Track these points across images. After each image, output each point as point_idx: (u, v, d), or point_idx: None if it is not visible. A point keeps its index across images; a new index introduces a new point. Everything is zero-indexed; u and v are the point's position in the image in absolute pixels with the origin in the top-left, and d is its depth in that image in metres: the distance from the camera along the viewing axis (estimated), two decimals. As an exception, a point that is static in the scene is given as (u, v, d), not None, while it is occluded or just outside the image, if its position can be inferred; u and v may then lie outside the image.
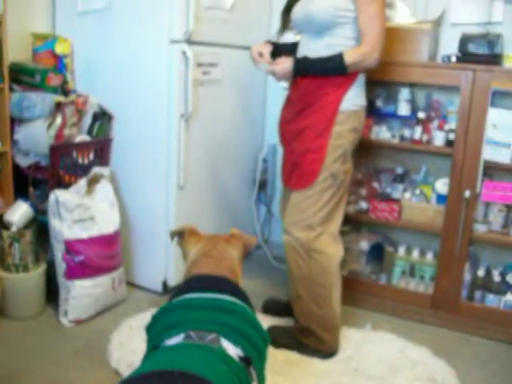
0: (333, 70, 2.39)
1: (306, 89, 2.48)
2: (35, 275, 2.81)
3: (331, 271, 2.54)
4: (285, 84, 2.78)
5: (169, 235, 1.97)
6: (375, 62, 2.39)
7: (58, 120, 2.85)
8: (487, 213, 2.94)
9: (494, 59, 2.79)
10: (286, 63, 2.46)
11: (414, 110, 3.04)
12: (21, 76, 2.93)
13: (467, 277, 2.99)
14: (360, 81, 2.49)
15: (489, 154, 2.77)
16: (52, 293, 2.90)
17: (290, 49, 2.65)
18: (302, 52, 2.53)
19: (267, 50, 2.61)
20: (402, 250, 3.17)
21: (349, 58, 2.36)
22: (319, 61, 2.41)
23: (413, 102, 3.05)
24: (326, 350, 2.60)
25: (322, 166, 2.45)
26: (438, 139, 2.93)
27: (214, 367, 1.34)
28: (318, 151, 2.45)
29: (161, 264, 3.10)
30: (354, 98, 2.46)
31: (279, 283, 3.34)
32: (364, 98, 2.55)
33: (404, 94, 3.00)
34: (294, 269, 2.57)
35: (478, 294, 2.99)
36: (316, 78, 2.44)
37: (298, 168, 2.52)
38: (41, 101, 2.79)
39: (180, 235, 1.89)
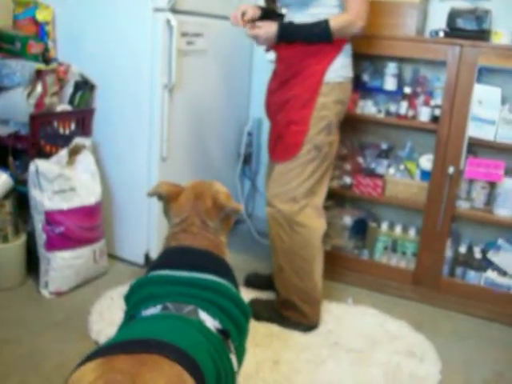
0: (318, 36, 2.36)
1: (290, 59, 2.44)
2: (15, 246, 2.78)
3: (313, 244, 2.54)
4: (270, 56, 2.73)
5: (146, 195, 1.89)
6: (360, 29, 2.37)
7: (39, 88, 2.79)
8: (470, 190, 2.95)
9: (482, 35, 2.77)
10: (270, 27, 2.41)
11: (401, 85, 3.02)
12: (1, 43, 2.87)
13: (449, 253, 3.01)
14: (346, 52, 2.46)
15: (473, 130, 2.76)
16: (33, 264, 2.87)
17: (278, 18, 2.61)
18: None
19: (253, 12, 2.52)
20: (384, 226, 3.17)
21: (334, 24, 2.33)
22: (304, 26, 2.38)
23: (399, 77, 3.03)
24: (307, 323, 2.61)
25: (305, 137, 2.43)
26: (424, 115, 2.91)
27: (191, 337, 1.33)
28: (302, 122, 2.43)
29: (143, 236, 3.08)
30: (339, 70, 2.43)
31: (262, 258, 3.33)
32: (351, 70, 2.52)
33: (391, 68, 2.98)
34: (277, 241, 2.56)
35: (459, 271, 3.01)
36: (301, 48, 2.40)
37: (282, 140, 2.50)
38: (21, 68, 2.74)
39: (159, 198, 1.83)
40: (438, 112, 2.86)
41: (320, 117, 2.43)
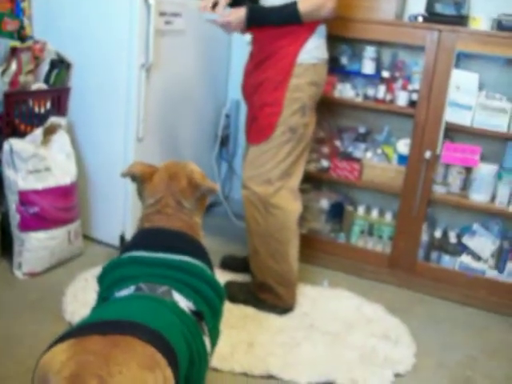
0: (287, 18, 2.35)
1: (263, 41, 2.43)
2: (-12, 226, 2.75)
3: (289, 227, 2.54)
4: (248, 38, 2.71)
5: (120, 175, 1.87)
6: (331, 12, 2.36)
7: (13, 66, 2.74)
8: (446, 174, 2.97)
9: (460, 20, 2.78)
10: (238, 12, 2.38)
11: (379, 69, 3.01)
12: (-26, 19, 2.81)
13: (424, 237, 3.03)
14: (320, 33, 2.45)
15: (450, 115, 2.77)
16: (6, 245, 2.83)
17: (249, 3, 2.57)
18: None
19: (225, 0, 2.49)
20: (361, 210, 3.18)
21: (303, 6, 2.32)
22: (273, 9, 2.37)
23: (378, 61, 3.02)
24: (283, 306, 2.62)
25: (279, 119, 2.42)
26: (401, 99, 2.92)
27: (164, 318, 1.32)
28: (275, 104, 2.42)
29: (118, 217, 3.05)
30: (312, 51, 2.42)
31: (239, 240, 3.32)
32: (325, 52, 2.51)
33: (369, 52, 2.97)
34: (252, 223, 2.56)
35: (434, 255, 3.04)
36: (274, 29, 2.39)
37: (256, 122, 2.49)
38: (-5, 45, 2.69)
39: (133, 178, 1.81)
40: (415, 97, 2.87)
41: (293, 98, 2.42)
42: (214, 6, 2.45)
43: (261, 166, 2.49)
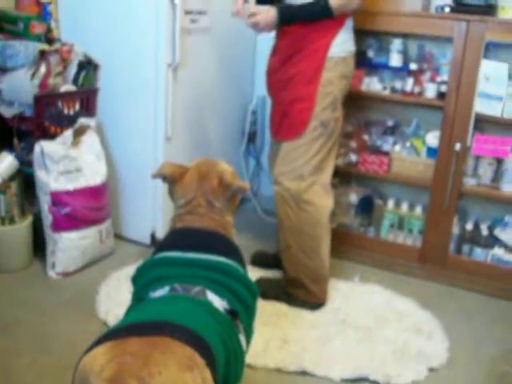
0: (319, 14, 2.34)
1: (293, 36, 2.42)
2: (22, 228, 2.78)
3: (321, 222, 2.53)
4: (273, 34, 2.70)
5: (150, 177, 1.87)
6: (359, 4, 2.37)
7: (42, 69, 2.77)
8: (477, 166, 2.93)
9: (489, 10, 2.73)
10: (268, 12, 2.37)
11: (406, 62, 2.98)
12: (3, 24, 2.84)
13: (455, 230, 3.00)
14: (348, 26, 2.44)
15: (480, 106, 2.74)
16: (39, 245, 2.88)
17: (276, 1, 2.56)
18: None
19: None
20: (390, 203, 3.16)
21: (334, 1, 2.32)
22: (303, 6, 2.36)
23: (405, 53, 2.99)
24: (315, 302, 2.62)
25: (311, 114, 2.42)
26: (430, 91, 2.89)
27: (200, 318, 1.33)
28: (308, 99, 2.41)
29: (149, 216, 3.08)
30: (342, 44, 2.42)
31: (268, 236, 3.33)
32: (353, 45, 2.51)
33: (396, 44, 2.94)
34: (284, 219, 2.56)
35: (465, 248, 3.01)
36: (303, 24, 2.37)
37: (287, 118, 2.48)
38: (24, 49, 2.72)
39: (164, 179, 1.81)
40: (444, 88, 2.83)
41: (325, 93, 2.42)
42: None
43: (293, 162, 2.48)
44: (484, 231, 2.97)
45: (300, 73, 2.42)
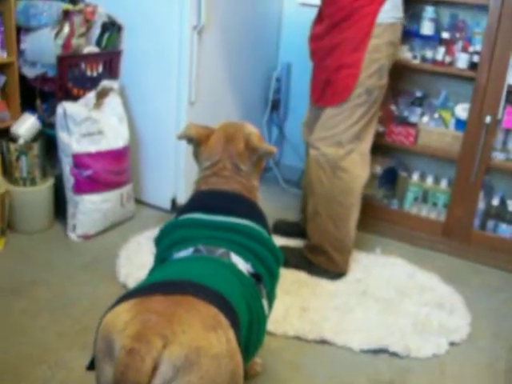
0: None
1: (341, 2, 2.35)
2: (43, 189, 2.78)
3: (354, 191, 2.51)
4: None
5: (176, 137, 1.83)
6: None
7: (66, 29, 2.74)
8: (507, 140, 2.85)
9: (527, -23, 2.64)
10: None
11: (438, 30, 2.90)
12: (27, -17, 2.80)
13: (481, 205, 2.94)
14: None
15: (514, 78, 2.66)
16: (60, 208, 2.87)
17: None
18: None
19: None
20: (416, 176, 3.10)
21: None
22: None
23: (437, 22, 2.91)
24: (336, 271, 2.59)
25: (356, 81, 2.38)
26: (462, 61, 2.81)
27: (225, 279, 1.31)
28: (354, 66, 2.37)
29: (170, 181, 3.05)
30: (390, 10, 2.36)
31: (289, 206, 3.30)
32: (401, 10, 2.44)
33: (428, 12, 2.86)
34: (316, 185, 2.53)
35: (490, 224, 2.95)
36: None
37: (332, 85, 2.44)
38: (48, 8, 2.69)
39: (189, 141, 1.77)
40: (476, 59, 2.75)
41: (372, 59, 2.37)
42: None
43: (333, 128, 2.45)
44: (510, 207, 2.91)
45: (347, 39, 2.37)
